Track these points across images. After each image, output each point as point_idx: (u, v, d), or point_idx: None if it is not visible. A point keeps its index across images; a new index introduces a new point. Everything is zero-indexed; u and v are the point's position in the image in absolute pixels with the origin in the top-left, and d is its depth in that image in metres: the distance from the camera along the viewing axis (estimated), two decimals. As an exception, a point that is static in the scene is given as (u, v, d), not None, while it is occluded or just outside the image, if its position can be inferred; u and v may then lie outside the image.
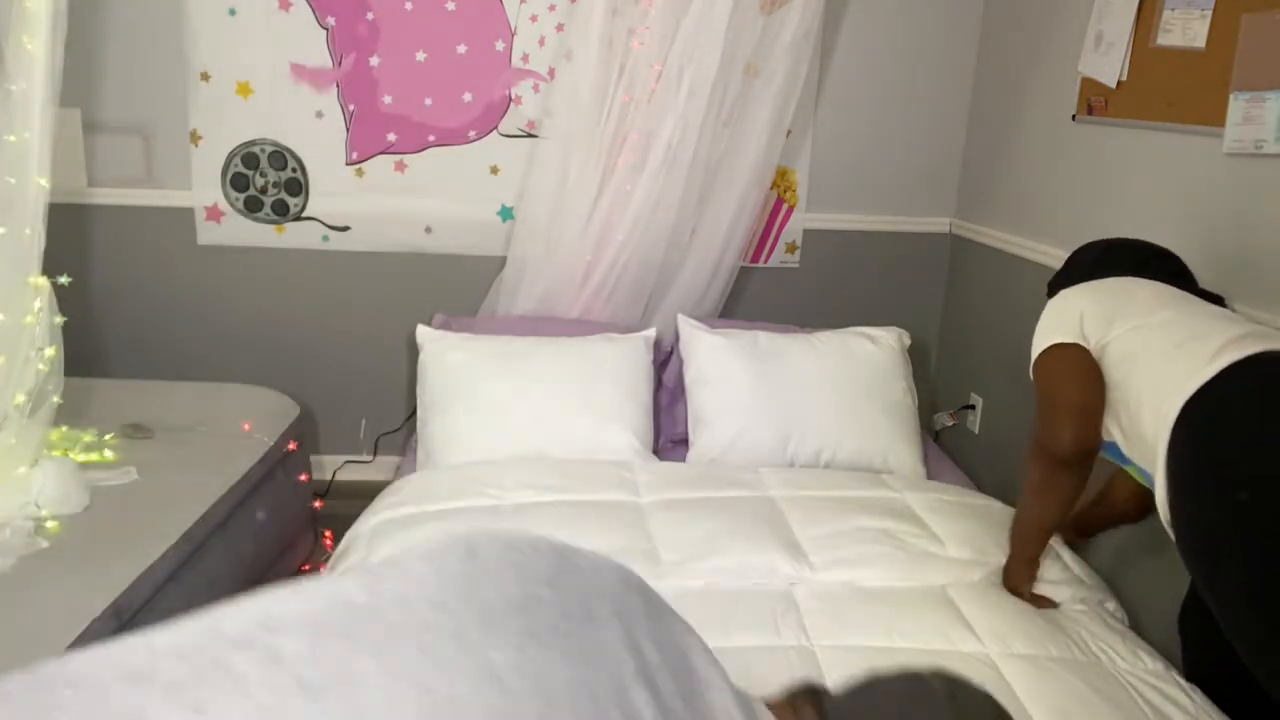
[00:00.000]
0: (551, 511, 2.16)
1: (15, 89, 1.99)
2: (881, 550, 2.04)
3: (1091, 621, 1.87)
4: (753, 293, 3.20)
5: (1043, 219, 2.68)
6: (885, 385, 2.67)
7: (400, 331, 3.02)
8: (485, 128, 2.98)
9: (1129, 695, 1.64)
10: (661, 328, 2.85)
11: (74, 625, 1.79)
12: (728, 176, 2.91)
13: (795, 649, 1.69)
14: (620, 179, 2.85)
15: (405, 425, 3.11)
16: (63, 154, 2.31)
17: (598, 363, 2.60)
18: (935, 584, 1.95)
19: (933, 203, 3.21)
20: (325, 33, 2.87)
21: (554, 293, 2.94)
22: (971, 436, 3.08)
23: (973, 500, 2.40)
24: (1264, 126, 1.87)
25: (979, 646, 1.74)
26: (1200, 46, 2.06)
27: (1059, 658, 1.73)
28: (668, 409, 2.79)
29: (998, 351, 2.92)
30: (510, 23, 2.91)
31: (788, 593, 1.88)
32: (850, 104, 3.08)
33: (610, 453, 2.49)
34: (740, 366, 2.62)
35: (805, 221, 3.17)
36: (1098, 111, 2.42)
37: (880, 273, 3.23)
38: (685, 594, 1.85)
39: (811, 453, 2.56)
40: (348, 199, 2.98)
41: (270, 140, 2.92)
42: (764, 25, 2.80)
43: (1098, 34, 2.38)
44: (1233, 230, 2.00)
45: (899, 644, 1.73)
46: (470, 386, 2.54)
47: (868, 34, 3.03)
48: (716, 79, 2.75)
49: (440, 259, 3.06)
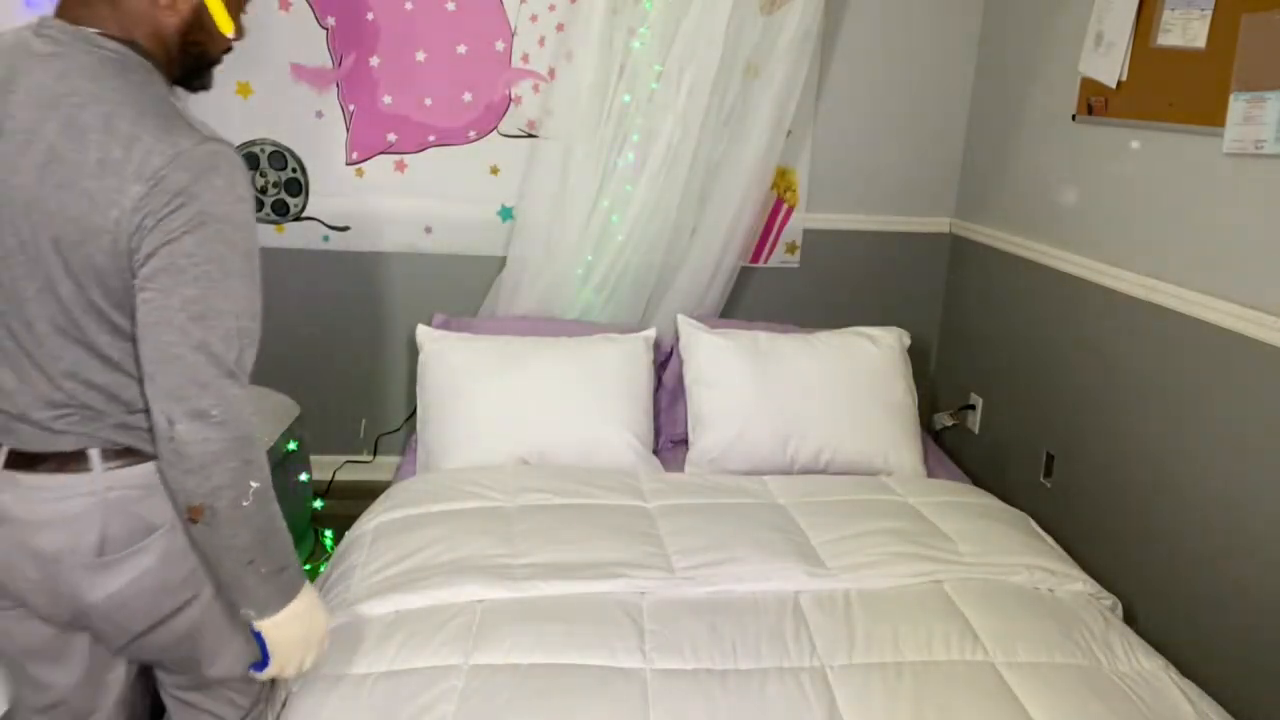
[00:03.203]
0: (558, 515, 2.16)
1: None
2: (897, 551, 2.04)
3: (1092, 620, 1.87)
4: (753, 293, 3.20)
5: (1043, 219, 2.69)
6: (885, 385, 2.67)
7: (400, 331, 3.02)
8: (485, 128, 2.98)
9: (1129, 699, 1.65)
10: (661, 328, 2.85)
11: (74, 625, 1.78)
12: (728, 176, 2.91)
13: (807, 670, 1.68)
14: (620, 179, 2.85)
15: (405, 425, 3.11)
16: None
17: (598, 363, 2.60)
18: (943, 585, 1.95)
19: (933, 203, 3.21)
20: (325, 33, 2.86)
21: (554, 293, 2.94)
22: (971, 436, 3.08)
23: (975, 499, 2.41)
24: (1264, 126, 1.87)
25: (984, 655, 1.75)
26: (1200, 46, 2.06)
27: (1061, 664, 1.73)
28: (668, 409, 2.79)
29: (998, 351, 2.92)
30: (510, 23, 2.92)
31: (797, 603, 1.88)
32: (850, 104, 3.08)
33: (610, 453, 2.49)
34: (740, 367, 2.62)
35: (805, 221, 3.17)
36: (1098, 111, 2.42)
37: (880, 273, 3.23)
38: (697, 604, 1.85)
39: (811, 453, 2.56)
40: (348, 199, 2.98)
41: (270, 140, 2.92)
42: (764, 25, 2.80)
43: (1098, 34, 2.38)
44: (1233, 230, 2.00)
45: (907, 657, 1.73)
46: (470, 387, 2.54)
47: (868, 34, 3.03)
48: (716, 79, 2.75)
49: (440, 259, 3.06)
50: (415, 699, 1.57)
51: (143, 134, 1.20)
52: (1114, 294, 2.34)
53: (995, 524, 2.23)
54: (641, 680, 1.64)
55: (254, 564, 1.28)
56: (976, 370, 3.07)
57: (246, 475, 1.24)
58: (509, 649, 1.69)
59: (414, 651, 1.68)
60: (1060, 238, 2.59)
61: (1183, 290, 2.12)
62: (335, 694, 1.60)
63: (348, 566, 1.97)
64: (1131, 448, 2.29)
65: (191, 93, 1.40)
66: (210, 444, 1.21)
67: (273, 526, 1.29)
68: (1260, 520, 1.92)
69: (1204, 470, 2.07)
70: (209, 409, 1.20)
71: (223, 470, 1.22)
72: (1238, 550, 1.97)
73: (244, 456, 1.23)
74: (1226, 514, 2.00)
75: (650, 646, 1.72)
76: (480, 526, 2.08)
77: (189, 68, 1.39)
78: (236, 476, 1.23)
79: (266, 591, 1.31)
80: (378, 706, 1.56)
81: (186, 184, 1.19)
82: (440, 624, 1.75)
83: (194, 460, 1.21)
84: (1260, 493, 1.92)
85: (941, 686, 1.65)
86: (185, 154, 1.20)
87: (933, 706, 1.60)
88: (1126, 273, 2.30)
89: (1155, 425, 2.22)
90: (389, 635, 1.72)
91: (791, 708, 1.58)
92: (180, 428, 1.20)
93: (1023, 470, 2.76)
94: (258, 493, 1.25)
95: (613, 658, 1.69)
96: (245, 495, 1.24)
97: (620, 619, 1.79)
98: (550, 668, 1.65)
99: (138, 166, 1.19)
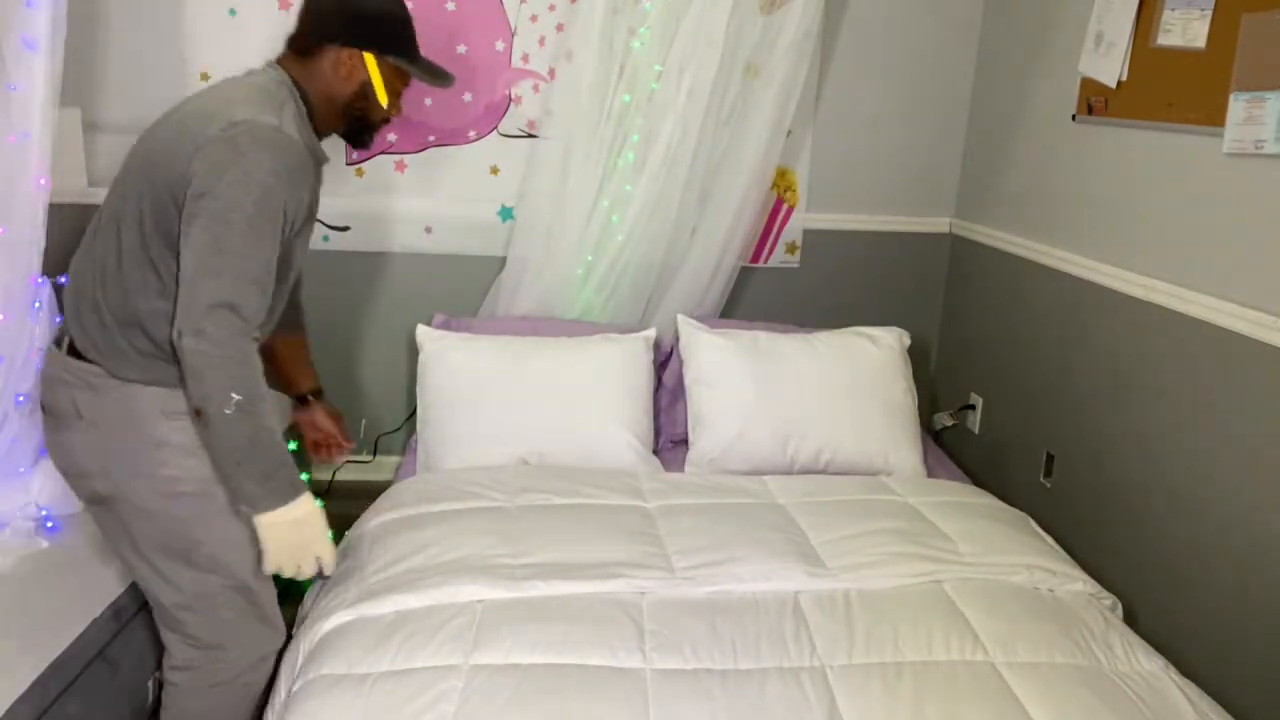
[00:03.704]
0: (558, 515, 2.16)
1: (15, 89, 1.99)
2: (898, 551, 2.04)
3: (1092, 620, 1.87)
4: (753, 293, 3.20)
5: (1043, 219, 2.69)
6: (885, 385, 2.67)
7: (400, 331, 3.02)
8: (485, 128, 2.98)
9: (1129, 699, 1.65)
10: (661, 328, 2.85)
11: (74, 625, 1.79)
12: (728, 176, 2.91)
13: (807, 670, 1.69)
14: (620, 179, 2.85)
15: (405, 425, 3.10)
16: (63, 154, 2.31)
17: (598, 363, 2.60)
18: (944, 585, 1.95)
19: (933, 203, 3.21)
20: (325, 33, 2.86)
21: (554, 293, 2.94)
22: (971, 436, 3.08)
23: (975, 499, 2.41)
24: (1264, 126, 1.87)
25: (984, 655, 1.75)
26: (1200, 46, 2.06)
27: (1061, 664, 1.73)
28: (668, 409, 2.79)
29: (998, 351, 2.92)
30: (510, 23, 2.91)
31: (797, 603, 1.88)
32: (850, 104, 3.08)
33: (610, 453, 2.49)
34: (740, 367, 2.62)
35: (805, 221, 3.16)
36: (1098, 111, 2.42)
37: (880, 273, 3.23)
38: (697, 604, 1.85)
39: (811, 453, 2.56)
40: (348, 199, 2.97)
41: (270, 140, 2.92)
42: (764, 25, 2.80)
43: (1098, 34, 2.38)
44: (1233, 230, 2.00)
45: (907, 657, 1.73)
46: (470, 387, 2.54)
47: (868, 34, 3.03)
48: (716, 79, 2.75)
49: (440, 259, 3.06)
50: (415, 699, 1.57)
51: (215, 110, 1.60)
52: (1114, 294, 2.34)
53: (995, 524, 2.23)
54: (641, 680, 1.64)
55: (241, 465, 1.56)
56: (976, 370, 3.07)
57: (229, 388, 1.51)
58: (509, 649, 1.69)
59: (414, 651, 1.68)
60: (1060, 238, 2.59)
61: (1183, 290, 2.12)
62: (335, 694, 1.60)
63: (347, 567, 1.97)
64: (1132, 448, 2.29)
65: (356, 148, 1.87)
66: (199, 356, 1.50)
67: (259, 437, 1.55)
68: (1260, 520, 1.92)
69: (1204, 470, 2.07)
70: (205, 329, 1.50)
71: (211, 380, 1.51)
72: (1238, 550, 1.97)
73: (229, 372, 1.51)
74: (1227, 514, 2.00)
75: (650, 646, 1.72)
76: (480, 526, 2.08)
77: (352, 127, 1.80)
78: (220, 387, 1.51)
79: (254, 491, 1.58)
80: (378, 706, 1.56)
81: (204, 170, 1.53)
82: (440, 624, 1.75)
83: (189, 368, 1.52)
84: (1260, 493, 1.92)
85: (941, 686, 1.65)
86: (213, 140, 1.54)
87: (933, 706, 1.60)
88: (1127, 273, 2.30)
89: (1155, 425, 2.22)
90: (389, 635, 1.72)
91: (791, 708, 1.58)
92: (184, 340, 1.51)
93: (1023, 470, 2.76)
94: (240, 404, 1.51)
95: (613, 658, 1.69)
96: (228, 404, 1.51)
97: (620, 619, 1.79)
98: (550, 668, 1.65)
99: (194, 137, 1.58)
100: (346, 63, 1.72)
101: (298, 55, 1.73)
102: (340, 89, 1.73)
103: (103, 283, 1.66)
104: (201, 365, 1.51)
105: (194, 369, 1.51)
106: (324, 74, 1.72)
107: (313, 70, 1.71)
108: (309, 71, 1.72)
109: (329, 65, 1.71)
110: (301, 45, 1.73)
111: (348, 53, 1.72)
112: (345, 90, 1.73)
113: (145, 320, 1.64)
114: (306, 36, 1.73)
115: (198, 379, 1.51)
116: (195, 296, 1.51)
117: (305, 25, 1.75)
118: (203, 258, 1.50)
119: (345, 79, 1.72)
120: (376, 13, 1.74)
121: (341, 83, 1.73)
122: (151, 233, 1.61)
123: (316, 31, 1.73)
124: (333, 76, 1.72)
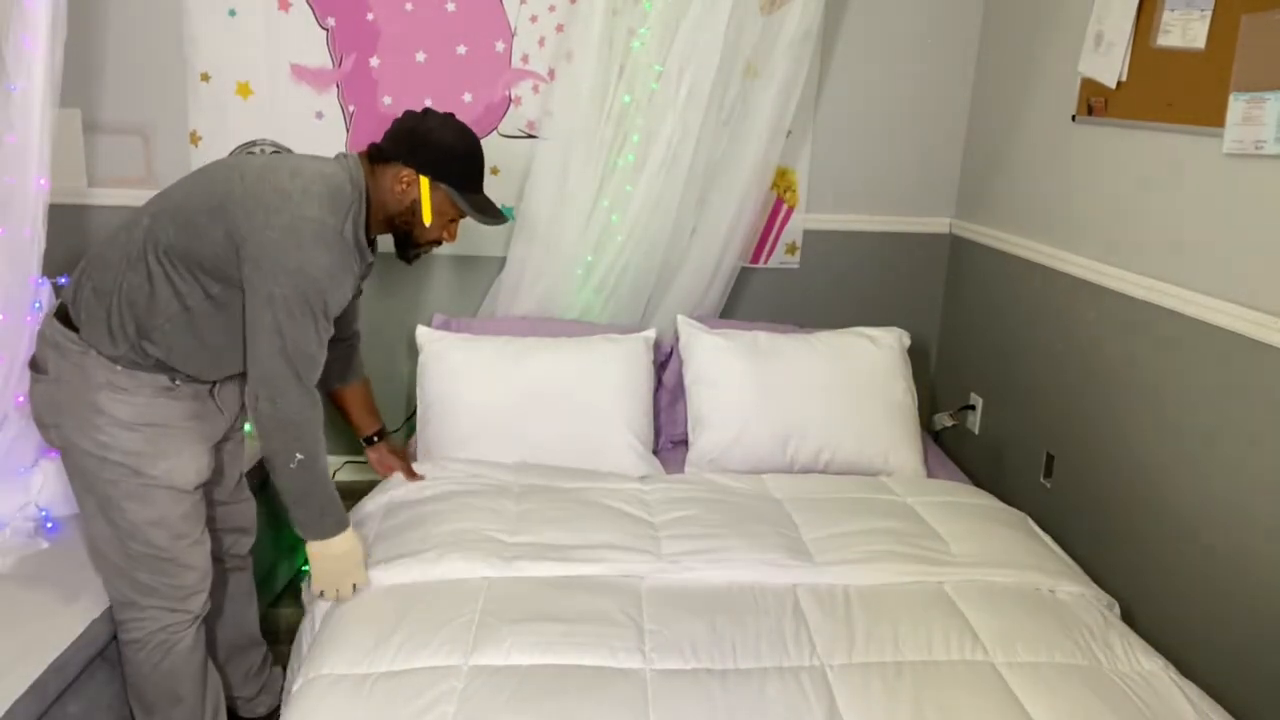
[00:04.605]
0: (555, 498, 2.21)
1: (15, 89, 1.99)
2: (887, 549, 2.05)
3: (1092, 620, 1.87)
4: (753, 293, 3.20)
5: (1043, 219, 2.69)
6: (885, 385, 2.67)
7: (400, 331, 3.02)
8: (485, 128, 2.98)
9: (1129, 699, 1.65)
10: (661, 328, 2.85)
11: (74, 625, 1.79)
12: (728, 176, 2.91)
13: (807, 670, 1.69)
14: (620, 179, 2.85)
15: (405, 425, 3.10)
16: (63, 154, 2.31)
17: (598, 363, 2.60)
18: (940, 585, 1.96)
19: (933, 203, 3.21)
20: (325, 33, 2.87)
21: (554, 293, 2.94)
22: (971, 436, 3.08)
23: (974, 500, 2.41)
24: (1264, 127, 1.87)
25: (984, 655, 1.75)
26: (1200, 47, 2.06)
27: (1061, 664, 1.73)
28: (668, 409, 2.79)
29: (998, 351, 2.92)
30: (510, 23, 2.91)
31: (796, 602, 1.88)
32: (850, 104, 3.08)
33: (610, 453, 2.49)
34: (740, 367, 2.62)
35: (805, 222, 3.16)
36: (1098, 112, 2.42)
37: (880, 273, 3.23)
38: (696, 603, 1.85)
39: (811, 453, 2.56)
40: (348, 199, 2.97)
41: (270, 141, 2.92)
42: (764, 25, 2.80)
43: (1098, 34, 2.38)
44: (1232, 230, 2.00)
45: (907, 657, 1.73)
46: (470, 387, 2.54)
47: (868, 34, 3.03)
48: (716, 79, 2.75)
49: (440, 259, 3.06)
50: (415, 699, 1.57)
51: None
52: (1114, 294, 2.34)
53: (993, 525, 2.24)
54: (641, 680, 1.64)
55: (298, 503, 1.83)
56: (976, 370, 3.07)
57: (293, 448, 1.78)
58: (509, 649, 1.69)
59: (414, 652, 1.69)
60: (1060, 238, 2.59)
61: (1183, 290, 2.12)
62: (335, 694, 1.60)
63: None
64: (1131, 448, 2.29)
65: (399, 259, 2.02)
66: (271, 421, 1.76)
67: (314, 487, 1.83)
68: (1260, 520, 1.92)
69: (1204, 470, 2.07)
70: (275, 398, 1.75)
71: (279, 439, 1.77)
72: (1238, 550, 1.97)
73: (293, 435, 1.78)
74: (1227, 514, 2.00)
75: (650, 646, 1.72)
76: (481, 504, 2.16)
77: (399, 240, 1.98)
78: (285, 446, 1.78)
79: (307, 523, 1.86)
80: (378, 707, 1.56)
81: (270, 248, 1.72)
82: (440, 624, 1.75)
83: (261, 427, 1.78)
84: (1260, 493, 1.92)
85: (941, 686, 1.65)
86: (283, 227, 1.72)
87: (932, 706, 1.60)
88: (1126, 273, 2.30)
89: (1155, 425, 2.22)
90: (389, 635, 1.73)
91: (791, 707, 1.58)
92: (260, 404, 1.76)
93: (1022, 470, 2.76)
94: (302, 462, 1.79)
95: (612, 658, 1.69)
96: (291, 460, 1.78)
97: (620, 619, 1.79)
98: (550, 668, 1.65)
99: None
100: (404, 180, 1.88)
101: (372, 159, 1.91)
102: (393, 202, 1.90)
103: (120, 273, 1.79)
104: (272, 428, 1.76)
105: (265, 430, 1.77)
106: (385, 184, 1.89)
107: (378, 177, 1.89)
108: (375, 177, 1.89)
109: (391, 178, 1.88)
110: (377, 153, 1.91)
111: (408, 172, 1.88)
112: (396, 205, 1.90)
113: (144, 313, 1.78)
114: (383, 148, 1.91)
115: (267, 438, 1.78)
116: (267, 370, 1.75)
117: (387, 137, 1.93)
118: (270, 339, 1.73)
119: (399, 195, 1.89)
120: (441, 143, 1.90)
121: (395, 197, 1.90)
122: (180, 245, 1.76)
123: (391, 146, 1.90)
124: (390, 189, 1.89)
